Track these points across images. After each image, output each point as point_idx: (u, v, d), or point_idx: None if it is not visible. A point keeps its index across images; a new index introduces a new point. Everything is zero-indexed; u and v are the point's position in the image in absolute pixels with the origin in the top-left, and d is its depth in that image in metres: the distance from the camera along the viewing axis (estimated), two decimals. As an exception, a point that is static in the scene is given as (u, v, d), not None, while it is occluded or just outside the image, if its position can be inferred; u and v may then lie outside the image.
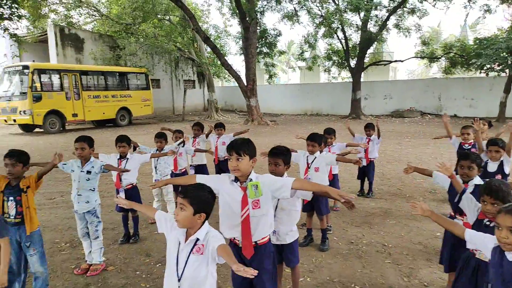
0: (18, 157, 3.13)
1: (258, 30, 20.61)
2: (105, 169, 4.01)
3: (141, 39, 22.29)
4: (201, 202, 2.10)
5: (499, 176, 4.03)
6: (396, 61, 23.82)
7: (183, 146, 5.70)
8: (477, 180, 3.24)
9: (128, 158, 4.61)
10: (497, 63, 15.22)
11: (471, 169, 3.20)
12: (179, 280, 2.14)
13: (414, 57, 23.23)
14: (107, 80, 19.61)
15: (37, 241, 3.24)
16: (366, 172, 6.52)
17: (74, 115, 17.52)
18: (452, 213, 3.38)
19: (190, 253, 2.12)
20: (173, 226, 2.21)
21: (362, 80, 22.95)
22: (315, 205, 4.43)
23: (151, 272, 3.90)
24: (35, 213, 3.26)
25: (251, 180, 2.50)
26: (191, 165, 6.22)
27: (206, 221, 2.17)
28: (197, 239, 2.11)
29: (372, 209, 5.86)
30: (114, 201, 2.51)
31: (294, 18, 20.80)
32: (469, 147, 5.19)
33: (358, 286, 3.56)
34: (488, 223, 2.54)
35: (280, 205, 3.07)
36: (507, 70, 15.95)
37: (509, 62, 14.65)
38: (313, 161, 4.40)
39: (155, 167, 5.37)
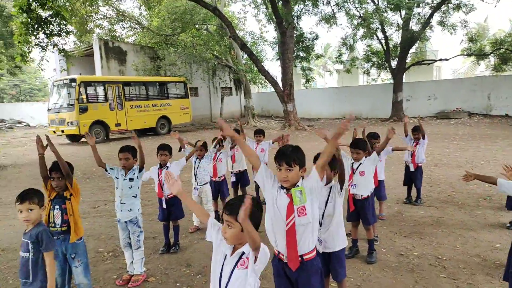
0: (61, 172, 3.18)
1: (295, 35, 20.44)
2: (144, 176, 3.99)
3: (179, 49, 22.81)
4: (248, 217, 1.97)
5: None
6: (440, 59, 22.69)
7: (215, 147, 5.59)
8: None
9: (168, 166, 4.60)
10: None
11: None
12: None
13: (460, 54, 22.08)
14: (148, 90, 20.21)
15: (82, 252, 3.27)
16: (413, 177, 6.14)
17: (117, 124, 18.18)
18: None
19: (234, 267, 2.01)
20: (223, 238, 2.12)
21: (404, 81, 22.07)
22: (361, 214, 4.19)
23: (192, 284, 3.83)
24: (80, 221, 3.30)
25: (296, 185, 2.36)
26: (232, 172, 6.14)
27: None
28: (243, 253, 2.01)
29: (422, 217, 5.49)
30: (165, 176, 2.33)
31: (332, 20, 20.45)
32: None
33: (412, 304, 3.28)
34: None
35: (327, 212, 2.91)
36: None
37: None
38: (358, 167, 4.17)
39: (195, 175, 5.34)
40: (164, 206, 4.61)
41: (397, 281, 3.67)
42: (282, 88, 19.35)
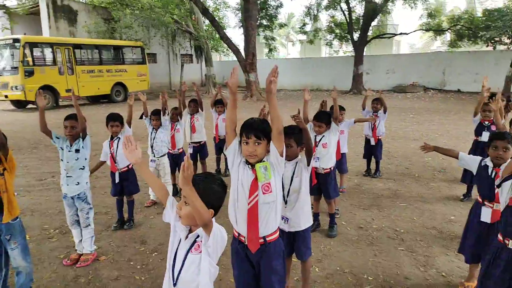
0: None
1: (258, 1, 19.78)
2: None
3: (136, 11, 21.44)
4: (209, 195, 1.79)
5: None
6: (401, 33, 23.07)
7: (175, 121, 5.27)
8: None
9: (119, 138, 4.24)
10: (507, 36, 14.61)
11: (507, 150, 2.84)
12: (174, 284, 1.83)
13: (419, 29, 22.52)
14: (102, 54, 18.94)
15: (19, 232, 2.91)
16: (373, 151, 6.18)
17: (68, 90, 16.96)
18: (480, 199, 3.05)
19: (188, 251, 1.82)
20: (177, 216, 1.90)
21: (364, 54, 22.28)
22: (323, 188, 4.11)
23: (147, 262, 3.61)
24: (15, 199, 2.92)
25: (261, 160, 2.16)
26: (190, 143, 5.86)
27: (213, 220, 1.83)
28: (198, 236, 1.81)
29: (381, 190, 5.56)
30: (124, 140, 1.90)
31: (296, -12, 19.91)
32: (489, 124, 4.83)
33: (372, 277, 3.27)
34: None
35: (292, 187, 2.74)
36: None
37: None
38: (321, 139, 4.05)
39: (151, 146, 5.02)
40: (117, 180, 4.28)
41: (357, 255, 3.66)
42: (244, 57, 18.86)
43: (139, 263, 3.59)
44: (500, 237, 2.35)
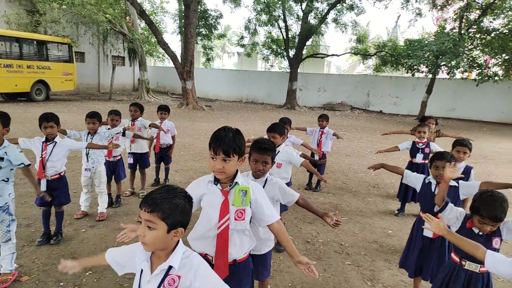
0: None
1: (199, 10, 19.57)
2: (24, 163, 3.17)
3: (65, 5, 19.90)
4: (177, 213, 1.50)
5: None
6: (333, 55, 24.40)
7: (123, 135, 4.89)
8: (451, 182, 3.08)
9: (56, 142, 3.77)
10: (425, 65, 16.17)
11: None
12: None
13: (349, 52, 24.01)
14: (23, 48, 17.14)
15: None
16: (316, 165, 6.29)
17: (-21, 85, 15.10)
18: (422, 214, 3.20)
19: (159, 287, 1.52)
20: (132, 255, 1.64)
21: (298, 71, 23.13)
22: (273, 202, 4.03)
23: (80, 282, 3.20)
24: None
25: (237, 183, 1.99)
26: (129, 153, 5.44)
27: (180, 240, 1.59)
28: (170, 267, 1.52)
29: (322, 204, 5.67)
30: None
31: (238, 0, 20.12)
32: (423, 146, 5.17)
33: (323, 294, 3.26)
34: (480, 233, 2.34)
35: None
36: (432, 72, 17.05)
37: (437, 65, 15.62)
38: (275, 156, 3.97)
39: (87, 154, 4.53)
40: (44, 188, 3.78)
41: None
42: (182, 64, 18.44)
43: (71, 284, 3.17)
44: (454, 257, 2.44)
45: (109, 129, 4.85)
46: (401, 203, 5.44)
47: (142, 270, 1.57)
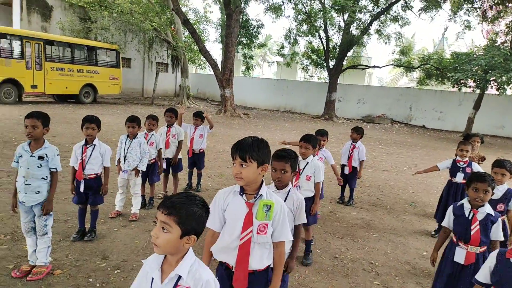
0: None
1: (240, 20, 19.92)
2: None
3: (115, 14, 20.95)
4: (193, 220, 1.51)
5: (501, 205, 3.67)
6: (374, 66, 23.90)
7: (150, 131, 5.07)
8: (488, 208, 2.89)
9: (95, 145, 3.94)
10: (473, 79, 15.43)
11: (486, 192, 2.84)
12: None
13: (392, 64, 23.45)
14: (74, 53, 18.22)
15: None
16: (348, 178, 6.15)
17: (33, 86, 16.12)
18: (454, 239, 3.01)
19: None
20: (143, 274, 1.63)
21: (338, 82, 22.84)
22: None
23: (107, 280, 3.30)
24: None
25: (261, 196, 1.98)
26: (163, 158, 5.58)
27: (190, 249, 1.59)
28: (179, 277, 1.52)
29: (354, 219, 5.50)
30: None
31: (279, 11, 20.28)
32: (465, 165, 4.88)
33: (348, 312, 3.14)
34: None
35: None
36: (480, 87, 16.23)
37: (485, 80, 14.85)
38: (305, 167, 3.93)
39: (124, 157, 4.70)
40: (82, 189, 3.95)
41: (332, 287, 3.53)
42: (221, 72, 18.78)
43: (99, 281, 3.27)
44: None
45: (145, 133, 5.01)
46: (438, 223, 5.17)
47: (152, 279, 1.56)
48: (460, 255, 2.91)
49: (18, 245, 3.77)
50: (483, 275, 2.27)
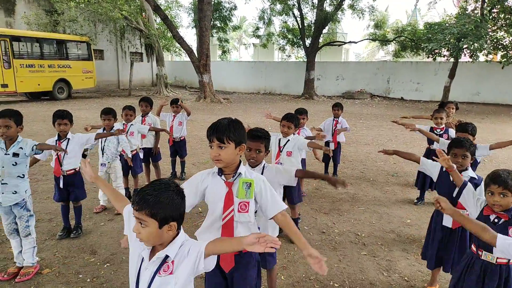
0: None
1: (212, 3, 19.53)
2: (38, 150, 3.27)
3: (82, 4, 20.24)
4: (166, 209, 1.51)
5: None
6: (350, 42, 23.96)
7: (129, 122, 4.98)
8: (471, 172, 2.97)
9: (69, 139, 3.85)
10: (446, 48, 15.66)
11: (465, 157, 2.92)
12: None
13: (367, 39, 23.54)
14: (43, 48, 17.61)
15: None
16: (333, 154, 6.22)
17: (4, 85, 15.59)
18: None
19: (155, 273, 1.57)
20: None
21: (316, 60, 22.83)
22: (287, 193, 4.01)
23: (98, 274, 3.28)
24: None
25: (240, 174, 1.99)
26: (141, 148, 5.52)
27: (181, 229, 1.63)
28: (167, 256, 1.57)
29: (339, 194, 5.60)
30: (81, 170, 2.04)
31: (251, -9, 19.95)
32: (441, 132, 5.00)
33: (338, 284, 3.23)
34: (496, 220, 2.26)
35: None
36: (453, 56, 16.50)
37: (458, 48, 15.09)
38: (285, 145, 3.97)
39: (102, 149, 4.63)
40: (61, 185, 3.88)
41: (321, 261, 3.60)
42: (198, 58, 18.51)
43: (89, 276, 3.26)
44: (473, 247, 2.36)
45: (124, 124, 4.93)
46: (420, 191, 5.31)
47: (142, 258, 1.61)
48: (448, 219, 2.99)
49: (2, 248, 3.71)
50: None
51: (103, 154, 4.63)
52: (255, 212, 2.19)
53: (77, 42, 19.33)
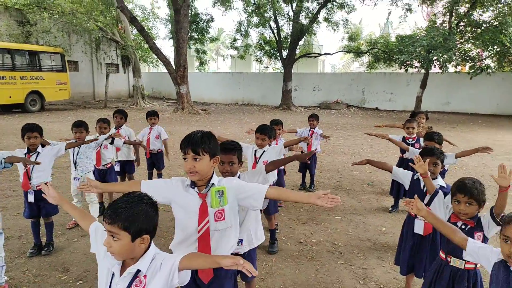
0: None
1: (189, 14, 19.58)
2: (6, 163, 3.17)
3: (56, 15, 19.88)
4: (138, 221, 1.51)
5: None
6: (325, 54, 24.47)
7: (111, 143, 4.86)
8: (440, 181, 3.08)
9: (38, 152, 3.75)
10: (417, 60, 16.21)
11: (436, 165, 3.03)
12: None
13: (342, 50, 24.07)
14: (15, 59, 17.13)
15: None
16: (307, 164, 6.30)
17: (-28, 98, 15.07)
18: (412, 213, 3.18)
19: None
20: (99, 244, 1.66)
21: (292, 71, 23.16)
22: (263, 204, 4.02)
23: (70, 292, 3.19)
24: None
25: (213, 185, 1.99)
26: (116, 161, 5.43)
27: (152, 243, 1.62)
28: (138, 271, 1.55)
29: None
30: (43, 192, 2.04)
31: (228, 3, 20.15)
32: (413, 141, 5.16)
33: (315, 294, 3.25)
34: (463, 226, 2.34)
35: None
36: (424, 67, 17.09)
37: (429, 60, 15.65)
38: (261, 155, 3.99)
39: (74, 163, 4.52)
40: (32, 200, 3.76)
41: (299, 271, 3.62)
42: (175, 69, 18.44)
43: (61, 295, 3.16)
44: (442, 254, 2.44)
45: (97, 137, 4.84)
46: (394, 199, 5.43)
47: (113, 274, 1.59)
48: (419, 227, 3.08)
49: (-32, 268, 3.54)
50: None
51: (75, 167, 4.52)
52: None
53: (51, 53, 18.93)
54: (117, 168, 5.39)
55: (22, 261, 3.73)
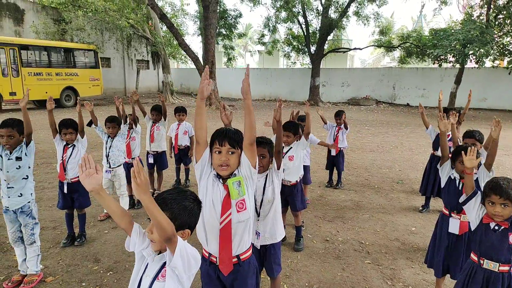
0: None
1: (218, 10, 19.68)
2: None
3: (89, 13, 20.51)
4: (185, 214, 1.60)
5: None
6: (355, 48, 23.97)
7: (130, 128, 5.02)
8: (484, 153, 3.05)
9: (74, 145, 3.90)
10: (452, 54, 15.60)
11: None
12: None
13: (372, 45, 23.54)
14: (51, 56, 17.83)
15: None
16: (335, 162, 6.21)
17: (12, 93, 15.79)
18: (446, 211, 3.07)
19: (154, 279, 1.60)
20: (145, 244, 1.67)
21: (321, 67, 22.86)
22: (290, 200, 4.01)
23: (101, 283, 3.29)
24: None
25: (233, 175, 2.00)
26: (148, 152, 5.55)
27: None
28: (164, 262, 1.60)
29: (343, 201, 5.57)
30: (82, 160, 1.53)
31: (256, -1, 20.10)
32: (448, 138, 4.96)
33: (341, 293, 3.20)
34: (496, 227, 2.23)
35: (265, 197, 2.62)
36: (459, 62, 16.42)
37: (464, 54, 15.02)
38: (288, 151, 3.96)
39: (107, 156, 4.66)
40: (66, 191, 3.91)
41: (325, 269, 3.59)
42: (203, 65, 18.61)
43: (92, 284, 3.27)
44: (474, 256, 2.33)
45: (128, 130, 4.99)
46: (425, 198, 5.27)
47: (147, 265, 1.64)
48: (454, 226, 2.97)
49: (7, 256, 3.73)
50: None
51: (107, 160, 4.66)
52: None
53: (84, 50, 19.55)
54: (150, 160, 5.50)
55: (56, 251, 3.88)
